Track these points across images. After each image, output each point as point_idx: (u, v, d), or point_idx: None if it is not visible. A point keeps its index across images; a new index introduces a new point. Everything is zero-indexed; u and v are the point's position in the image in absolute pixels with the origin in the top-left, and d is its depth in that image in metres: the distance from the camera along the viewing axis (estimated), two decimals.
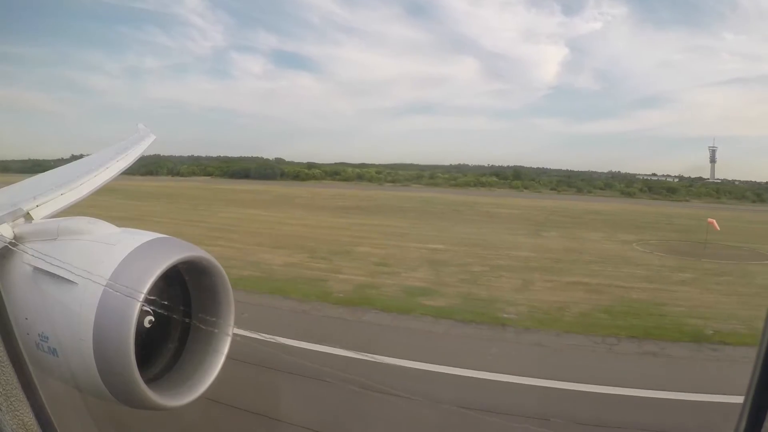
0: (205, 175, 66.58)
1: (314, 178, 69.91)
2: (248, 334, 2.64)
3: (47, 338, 2.04)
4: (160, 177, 59.83)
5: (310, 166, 76.24)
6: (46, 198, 2.85)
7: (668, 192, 69.27)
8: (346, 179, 70.57)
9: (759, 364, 1.42)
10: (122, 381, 1.98)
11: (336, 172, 74.10)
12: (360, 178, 72.46)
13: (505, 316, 8.74)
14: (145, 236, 2.25)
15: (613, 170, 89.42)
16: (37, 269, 2.12)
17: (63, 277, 2.03)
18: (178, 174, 64.68)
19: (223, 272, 2.33)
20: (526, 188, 69.60)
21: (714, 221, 21.60)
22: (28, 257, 2.17)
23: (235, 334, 2.38)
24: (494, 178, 74.34)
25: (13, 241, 2.27)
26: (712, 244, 20.41)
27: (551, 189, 70.22)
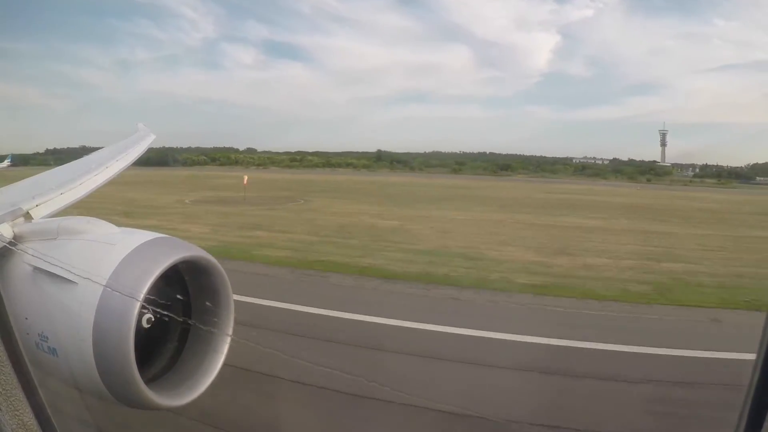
0: None
1: (199, 163, 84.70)
2: None
3: (47, 338, 2.04)
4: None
5: (199, 154, 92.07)
6: (45, 198, 2.84)
7: (500, 169, 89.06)
8: (223, 164, 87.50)
9: (759, 364, 1.42)
10: (122, 381, 1.97)
11: (216, 159, 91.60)
12: (236, 162, 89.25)
13: None
14: (145, 236, 2.25)
15: (588, 156, 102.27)
16: (36, 269, 2.12)
17: (63, 277, 2.02)
18: None
19: (223, 272, 2.33)
20: (365, 167, 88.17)
21: (246, 178, 29.82)
22: (28, 257, 2.16)
23: None
24: (355, 161, 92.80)
25: (13, 240, 2.27)
26: (256, 197, 28.68)
27: (390, 169, 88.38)
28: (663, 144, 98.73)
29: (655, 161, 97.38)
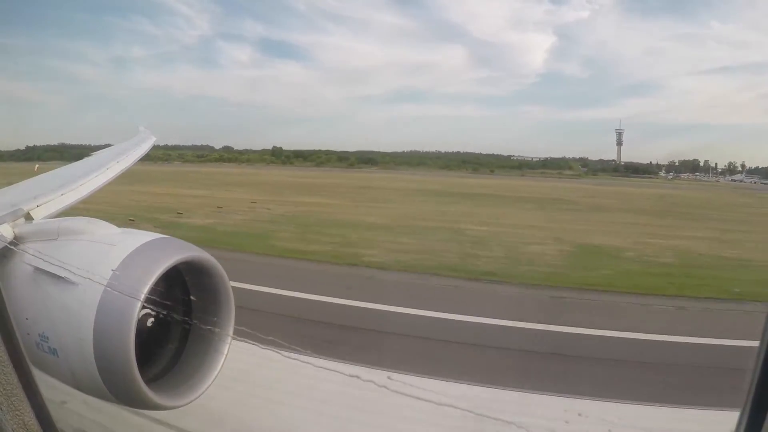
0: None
1: None
2: None
3: (48, 338, 2.04)
4: None
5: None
6: (46, 198, 2.85)
7: (361, 163, 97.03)
8: None
9: (759, 364, 1.42)
10: (122, 381, 1.98)
11: None
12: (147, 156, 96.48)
13: None
14: (146, 236, 2.25)
15: (566, 156, 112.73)
16: (37, 269, 2.12)
17: (63, 278, 2.02)
18: None
19: (224, 272, 2.33)
20: (246, 161, 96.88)
21: (37, 166, 33.36)
22: (29, 257, 2.17)
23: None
24: (248, 156, 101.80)
25: (14, 241, 2.27)
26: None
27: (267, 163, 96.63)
28: (619, 143, 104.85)
29: (613, 160, 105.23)
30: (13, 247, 2.23)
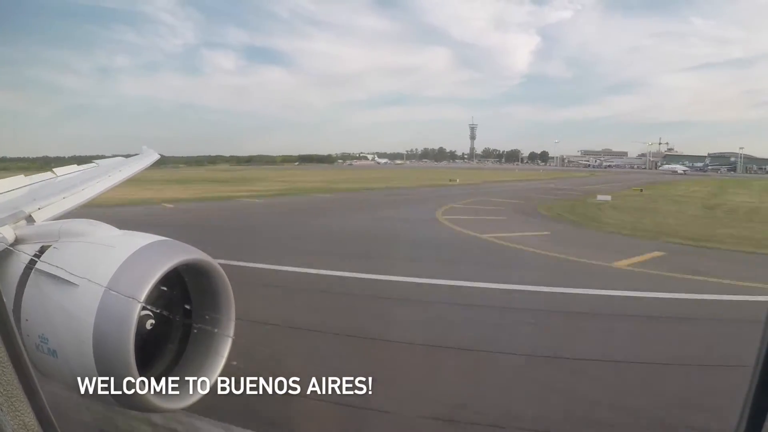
0: None
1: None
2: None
3: (47, 340, 2.04)
4: None
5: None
6: (47, 201, 2.86)
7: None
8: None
9: (759, 364, 1.42)
10: (122, 382, 1.97)
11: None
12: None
13: None
14: (146, 239, 2.25)
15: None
16: (37, 271, 2.13)
17: (63, 279, 2.03)
18: None
19: (224, 274, 2.33)
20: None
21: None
22: (29, 259, 2.17)
23: None
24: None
25: (15, 242, 2.28)
26: None
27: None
28: (472, 137, 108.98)
29: (464, 153, 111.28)
30: (13, 249, 2.23)
